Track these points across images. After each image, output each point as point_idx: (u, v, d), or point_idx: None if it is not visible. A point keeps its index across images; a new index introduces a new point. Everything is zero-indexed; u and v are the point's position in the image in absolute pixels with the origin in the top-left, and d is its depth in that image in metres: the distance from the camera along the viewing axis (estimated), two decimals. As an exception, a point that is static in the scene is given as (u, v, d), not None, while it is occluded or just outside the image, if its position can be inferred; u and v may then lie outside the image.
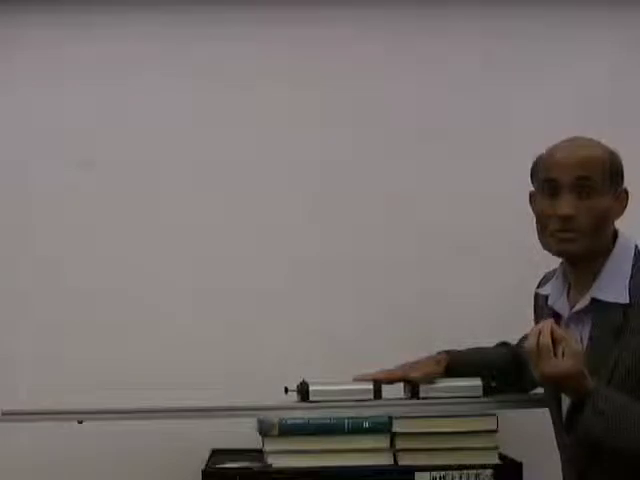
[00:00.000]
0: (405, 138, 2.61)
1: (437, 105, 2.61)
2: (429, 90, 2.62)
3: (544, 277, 2.14)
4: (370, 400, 2.15)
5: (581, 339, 1.92)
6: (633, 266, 1.91)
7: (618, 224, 1.98)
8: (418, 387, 2.14)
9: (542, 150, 1.99)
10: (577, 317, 1.95)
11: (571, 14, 2.61)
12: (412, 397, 2.16)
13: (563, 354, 1.81)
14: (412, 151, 2.61)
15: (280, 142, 2.59)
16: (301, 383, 2.16)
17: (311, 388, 2.14)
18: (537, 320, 2.08)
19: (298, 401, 2.15)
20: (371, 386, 2.15)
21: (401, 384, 2.21)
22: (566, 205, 1.90)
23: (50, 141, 2.59)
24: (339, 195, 2.59)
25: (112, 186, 2.58)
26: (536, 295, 2.14)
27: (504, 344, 2.32)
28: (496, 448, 2.13)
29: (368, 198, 2.59)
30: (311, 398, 2.13)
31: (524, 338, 2.11)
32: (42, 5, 2.58)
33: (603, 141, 1.96)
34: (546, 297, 2.06)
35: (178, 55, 2.59)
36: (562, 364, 1.80)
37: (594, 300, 1.91)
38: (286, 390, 2.15)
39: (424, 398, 2.14)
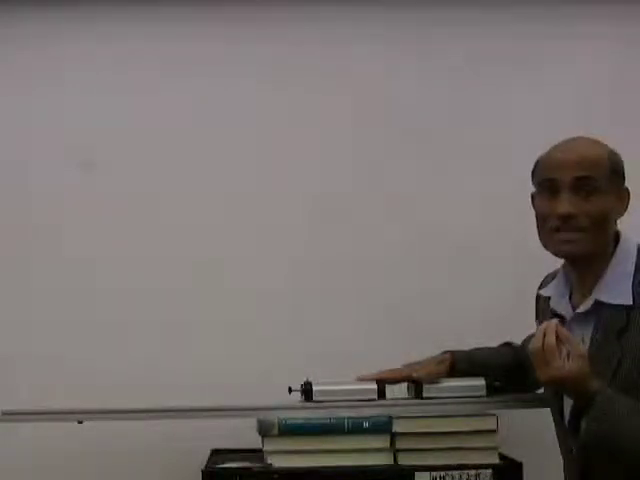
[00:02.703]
0: (405, 138, 2.61)
1: (437, 105, 2.61)
2: (429, 90, 2.62)
3: (546, 278, 2.14)
4: (371, 400, 2.15)
5: (583, 341, 1.91)
6: (636, 267, 1.91)
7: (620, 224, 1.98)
8: (422, 387, 2.15)
9: (542, 150, 2.00)
10: (580, 319, 1.95)
11: (571, 13, 2.61)
12: (416, 397, 2.16)
13: (568, 356, 1.81)
14: (412, 151, 2.61)
15: (280, 142, 2.59)
16: (305, 383, 2.16)
17: (315, 388, 2.14)
18: (539, 321, 2.08)
19: (302, 401, 2.16)
20: (375, 386, 2.15)
21: (405, 384, 2.22)
22: (565, 204, 1.89)
23: (50, 141, 2.59)
24: (339, 195, 2.59)
25: (112, 186, 2.58)
26: (538, 297, 2.14)
27: (508, 344, 2.32)
28: (496, 448, 2.13)
29: (368, 198, 2.60)
30: (315, 398, 2.14)
31: (528, 338, 2.12)
32: (42, 4, 2.58)
33: (603, 141, 1.96)
34: (548, 299, 2.06)
35: (179, 55, 2.59)
36: (567, 366, 1.80)
37: (597, 302, 1.91)
38: (290, 390, 2.15)
39: (427, 398, 2.15)
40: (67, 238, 2.57)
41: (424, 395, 2.15)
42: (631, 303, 1.87)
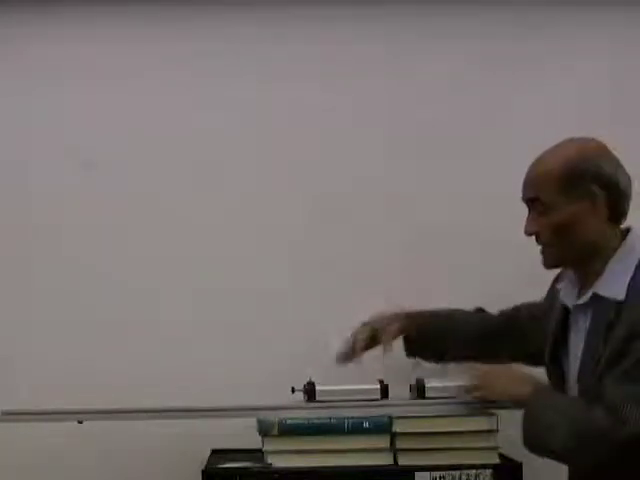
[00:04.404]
0: (405, 138, 2.61)
1: (437, 105, 2.61)
2: (429, 90, 2.62)
3: (561, 272, 2.17)
4: (371, 400, 2.16)
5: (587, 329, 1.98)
6: (637, 264, 1.93)
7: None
8: (424, 387, 2.15)
9: (542, 150, 2.01)
10: (581, 310, 2.00)
11: (571, 13, 2.61)
12: (418, 397, 2.16)
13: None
14: (412, 151, 2.61)
15: (280, 142, 2.59)
16: (308, 383, 2.16)
17: (318, 388, 2.15)
18: (548, 304, 2.17)
19: (305, 401, 2.16)
20: (378, 386, 2.16)
21: (407, 385, 2.23)
22: (527, 224, 2.00)
23: (50, 141, 2.59)
24: (339, 195, 2.59)
25: (112, 186, 2.58)
26: (554, 287, 2.19)
27: (481, 311, 2.39)
28: (496, 448, 2.13)
29: (368, 198, 2.60)
30: (318, 398, 2.14)
31: (517, 307, 2.28)
32: (42, 4, 2.58)
33: (603, 141, 1.96)
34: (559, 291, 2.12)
35: (178, 55, 2.59)
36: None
37: (595, 295, 1.95)
38: (293, 390, 2.16)
39: (429, 398, 2.15)
40: (67, 238, 2.57)
41: (427, 396, 2.15)
42: (623, 298, 1.90)
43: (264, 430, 2.12)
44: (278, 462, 2.11)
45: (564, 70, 2.61)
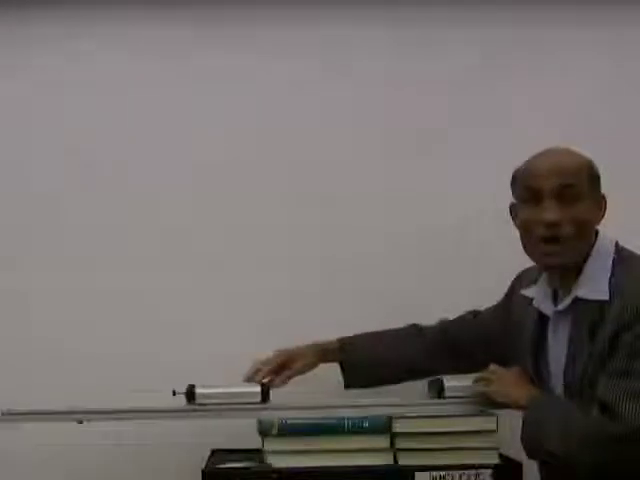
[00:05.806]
0: (405, 138, 2.61)
1: (437, 105, 2.62)
2: (429, 90, 2.62)
3: (525, 272, 2.19)
4: (369, 399, 2.17)
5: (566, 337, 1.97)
6: (613, 263, 1.94)
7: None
8: (444, 386, 2.15)
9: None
10: (561, 316, 1.99)
11: (571, 14, 2.61)
12: (436, 396, 2.17)
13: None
14: (412, 151, 2.61)
15: (280, 142, 2.59)
16: (189, 385, 2.16)
17: (197, 391, 2.16)
18: (512, 309, 2.17)
19: (187, 404, 2.15)
20: (259, 389, 2.17)
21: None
22: (551, 212, 1.92)
23: (50, 141, 2.59)
24: (339, 195, 2.59)
25: (112, 186, 2.58)
26: (514, 292, 2.18)
27: (414, 327, 2.38)
28: (496, 448, 2.13)
29: (368, 198, 2.60)
30: (197, 401, 2.15)
31: (471, 312, 2.30)
32: (43, 4, 2.58)
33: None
34: (531, 298, 2.10)
35: (179, 56, 2.60)
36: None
37: (577, 299, 1.95)
38: (174, 393, 2.15)
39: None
40: (67, 238, 2.57)
41: (446, 395, 2.16)
42: (607, 299, 1.90)
43: (264, 430, 2.13)
44: (278, 462, 2.11)
45: (564, 71, 2.61)
